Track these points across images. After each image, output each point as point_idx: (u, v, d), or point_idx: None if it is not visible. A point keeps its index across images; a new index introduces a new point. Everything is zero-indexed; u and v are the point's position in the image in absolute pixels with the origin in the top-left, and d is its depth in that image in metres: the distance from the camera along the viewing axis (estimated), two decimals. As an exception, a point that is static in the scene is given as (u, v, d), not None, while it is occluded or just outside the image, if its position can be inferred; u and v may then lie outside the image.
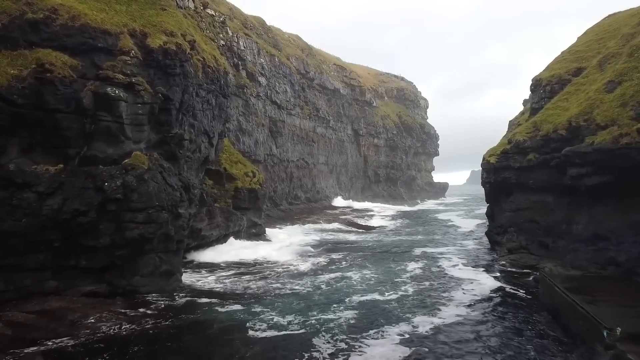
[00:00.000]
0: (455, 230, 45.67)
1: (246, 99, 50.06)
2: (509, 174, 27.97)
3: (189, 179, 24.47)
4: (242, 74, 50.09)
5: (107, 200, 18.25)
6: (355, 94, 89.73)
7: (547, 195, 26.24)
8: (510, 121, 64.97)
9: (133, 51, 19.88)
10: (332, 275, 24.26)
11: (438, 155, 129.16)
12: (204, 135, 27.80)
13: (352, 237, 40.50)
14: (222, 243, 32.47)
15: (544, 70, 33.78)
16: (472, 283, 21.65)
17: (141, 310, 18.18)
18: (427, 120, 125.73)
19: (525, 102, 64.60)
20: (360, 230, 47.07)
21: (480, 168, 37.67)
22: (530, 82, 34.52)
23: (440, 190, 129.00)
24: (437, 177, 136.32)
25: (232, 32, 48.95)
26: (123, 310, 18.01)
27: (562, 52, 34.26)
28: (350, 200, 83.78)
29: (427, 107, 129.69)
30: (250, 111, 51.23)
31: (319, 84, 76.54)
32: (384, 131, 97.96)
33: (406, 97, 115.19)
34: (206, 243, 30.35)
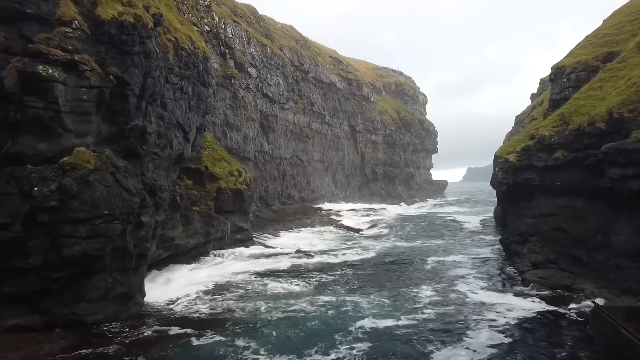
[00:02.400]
0: (463, 232, 41.74)
1: (234, 90, 46.00)
2: (531, 174, 24.17)
3: (156, 180, 20.53)
4: (230, 64, 46.02)
5: (38, 210, 14.31)
6: (352, 88, 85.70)
7: (577, 200, 22.44)
8: (516, 116, 61.46)
9: (76, 22, 15.90)
10: (334, 295, 20.18)
11: (437, 152, 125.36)
12: (177, 128, 23.86)
13: (352, 245, 36.15)
14: (202, 252, 28.58)
15: (566, 57, 30.00)
16: (497, 307, 17.77)
17: (87, 349, 14.29)
18: (426, 117, 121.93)
19: (533, 96, 61.12)
20: (360, 235, 43.03)
21: (495, 167, 33.97)
22: (550, 71, 30.79)
23: (440, 188, 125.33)
24: (435, 174, 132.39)
25: (218, 18, 44.85)
26: (61, 351, 14.16)
27: (587, 37, 30.50)
28: (346, 201, 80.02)
29: (426, 102, 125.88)
30: (239, 104, 47.17)
31: (314, 77, 72.52)
32: (382, 127, 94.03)
33: (405, 92, 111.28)
34: (182, 253, 26.40)
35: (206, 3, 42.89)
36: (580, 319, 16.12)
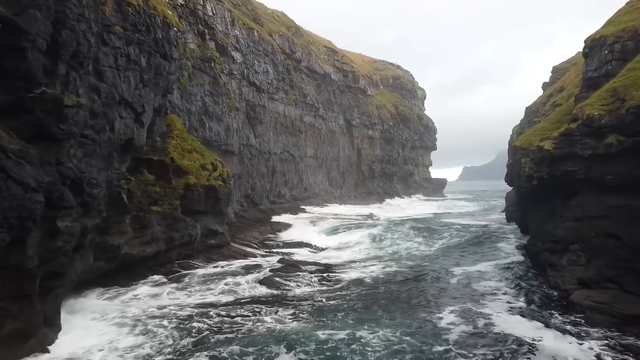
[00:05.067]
0: (473, 236, 36.52)
1: (214, 75, 40.76)
2: (573, 166, 19.13)
3: (84, 171, 15.32)
4: (210, 45, 40.77)
5: None
6: (348, 81, 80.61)
7: (635, 198, 17.39)
8: (527, 108, 56.63)
9: None
10: (331, 330, 14.63)
11: (436, 149, 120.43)
12: (122, 106, 18.63)
13: (351, 254, 30.13)
14: (163, 261, 23.45)
15: (604, 27, 25.02)
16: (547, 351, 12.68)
17: None
18: (425, 112, 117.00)
19: (545, 85, 56.30)
20: (359, 244, 36.97)
21: (514, 160, 28.99)
22: (583, 45, 25.76)
23: (439, 186, 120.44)
24: (432, 173, 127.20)
25: (196, -7, 39.55)
26: None
27: (629, 2, 25.53)
28: (342, 199, 75.08)
29: (425, 97, 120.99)
30: (221, 91, 41.91)
31: (307, 67, 67.32)
32: (379, 122, 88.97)
33: (403, 86, 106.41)
34: (135, 263, 21.25)
35: (181, -26, 37.60)
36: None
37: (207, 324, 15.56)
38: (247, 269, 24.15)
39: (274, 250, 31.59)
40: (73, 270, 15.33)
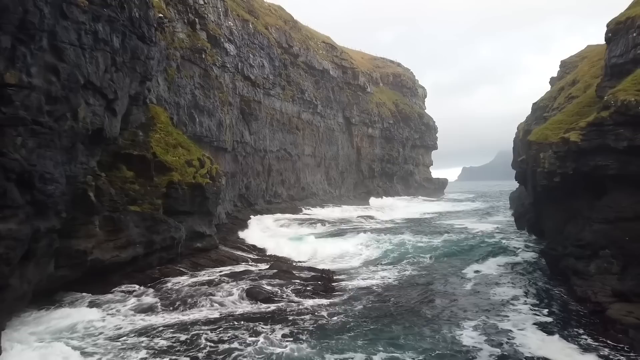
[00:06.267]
0: (483, 238, 34.19)
1: (205, 67, 38.38)
2: (604, 160, 16.83)
3: (35, 164, 12.99)
4: (200, 36, 38.38)
5: None
6: (347, 77, 78.28)
7: (679, 197, 15.15)
8: (534, 104, 54.41)
9: None
10: (342, 356, 12.36)
11: (437, 148, 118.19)
12: (88, 91, 16.25)
13: (352, 259, 27.37)
14: (142, 267, 21.11)
15: (630, 8, 22.78)
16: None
17: None
18: (425, 111, 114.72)
19: (553, 80, 54.15)
20: (360, 247, 34.21)
21: (528, 155, 26.62)
22: (606, 29, 23.49)
23: (440, 186, 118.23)
24: (432, 173, 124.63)
25: (185, -21, 37.18)
26: None
27: (657, -19, 23.27)
28: (340, 200, 72.80)
29: (425, 96, 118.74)
30: (212, 84, 39.55)
31: (305, 62, 65.00)
32: (379, 120, 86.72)
33: (403, 84, 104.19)
34: (108, 270, 18.87)
35: (169, -41, 35.22)
36: None
37: (188, 349, 13.10)
38: (237, 277, 21.65)
39: (267, 254, 29.18)
40: (23, 280, 13.04)
